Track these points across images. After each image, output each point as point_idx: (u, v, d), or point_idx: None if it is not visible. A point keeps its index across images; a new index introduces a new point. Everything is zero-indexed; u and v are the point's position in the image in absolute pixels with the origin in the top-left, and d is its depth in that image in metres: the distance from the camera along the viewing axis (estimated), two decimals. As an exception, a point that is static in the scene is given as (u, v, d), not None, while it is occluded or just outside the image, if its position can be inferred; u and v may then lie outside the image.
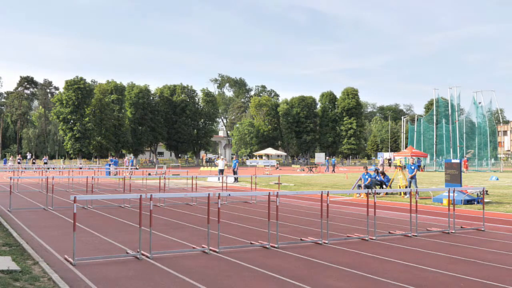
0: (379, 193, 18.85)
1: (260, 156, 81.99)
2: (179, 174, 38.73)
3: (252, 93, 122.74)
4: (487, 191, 21.12)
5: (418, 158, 52.20)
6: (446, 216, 12.68)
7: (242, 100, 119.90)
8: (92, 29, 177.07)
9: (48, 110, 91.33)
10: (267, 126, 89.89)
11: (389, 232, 11.38)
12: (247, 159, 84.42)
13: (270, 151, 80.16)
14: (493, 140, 62.98)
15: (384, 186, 21.73)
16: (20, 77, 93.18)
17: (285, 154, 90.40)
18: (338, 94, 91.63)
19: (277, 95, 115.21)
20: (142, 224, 8.63)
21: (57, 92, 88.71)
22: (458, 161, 20.62)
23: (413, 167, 20.94)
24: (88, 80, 74.54)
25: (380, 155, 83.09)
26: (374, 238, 10.53)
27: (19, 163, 52.66)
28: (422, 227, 12.00)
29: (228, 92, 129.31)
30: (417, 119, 67.61)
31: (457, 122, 60.02)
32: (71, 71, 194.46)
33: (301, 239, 10.41)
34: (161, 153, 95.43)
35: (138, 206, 9.23)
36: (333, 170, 51.98)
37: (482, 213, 12.65)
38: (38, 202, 17.89)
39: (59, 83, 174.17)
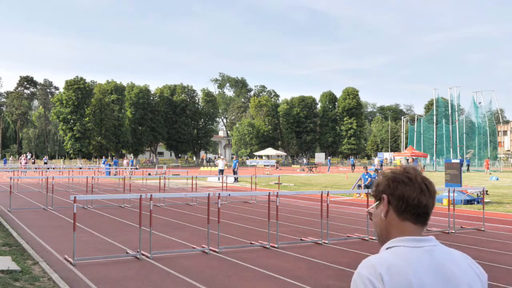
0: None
1: (260, 156, 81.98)
2: (179, 174, 38.71)
3: (252, 93, 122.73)
4: (487, 191, 21.11)
5: (414, 158, 52.14)
6: (446, 216, 12.67)
7: (242, 100, 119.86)
8: (92, 29, 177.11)
9: (48, 110, 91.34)
10: (267, 126, 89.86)
11: (389, 232, 11.37)
12: (247, 159, 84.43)
13: (270, 151, 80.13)
14: (493, 140, 62.94)
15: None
16: (20, 77, 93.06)
17: (285, 154, 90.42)
18: (338, 94, 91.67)
19: (277, 95, 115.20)
20: (142, 224, 8.63)
21: (57, 92, 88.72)
22: (458, 161, 20.62)
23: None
24: (88, 80, 74.58)
25: (379, 155, 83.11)
26: (374, 238, 10.51)
27: (22, 163, 52.39)
28: (422, 227, 11.98)
29: (229, 92, 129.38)
30: (417, 119, 67.60)
31: (457, 122, 59.98)
32: (71, 71, 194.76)
33: (301, 239, 10.40)
34: (161, 153, 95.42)
35: (138, 206, 9.22)
36: (353, 169, 52.35)
37: (482, 213, 12.65)
38: (38, 202, 17.88)
39: (59, 83, 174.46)
